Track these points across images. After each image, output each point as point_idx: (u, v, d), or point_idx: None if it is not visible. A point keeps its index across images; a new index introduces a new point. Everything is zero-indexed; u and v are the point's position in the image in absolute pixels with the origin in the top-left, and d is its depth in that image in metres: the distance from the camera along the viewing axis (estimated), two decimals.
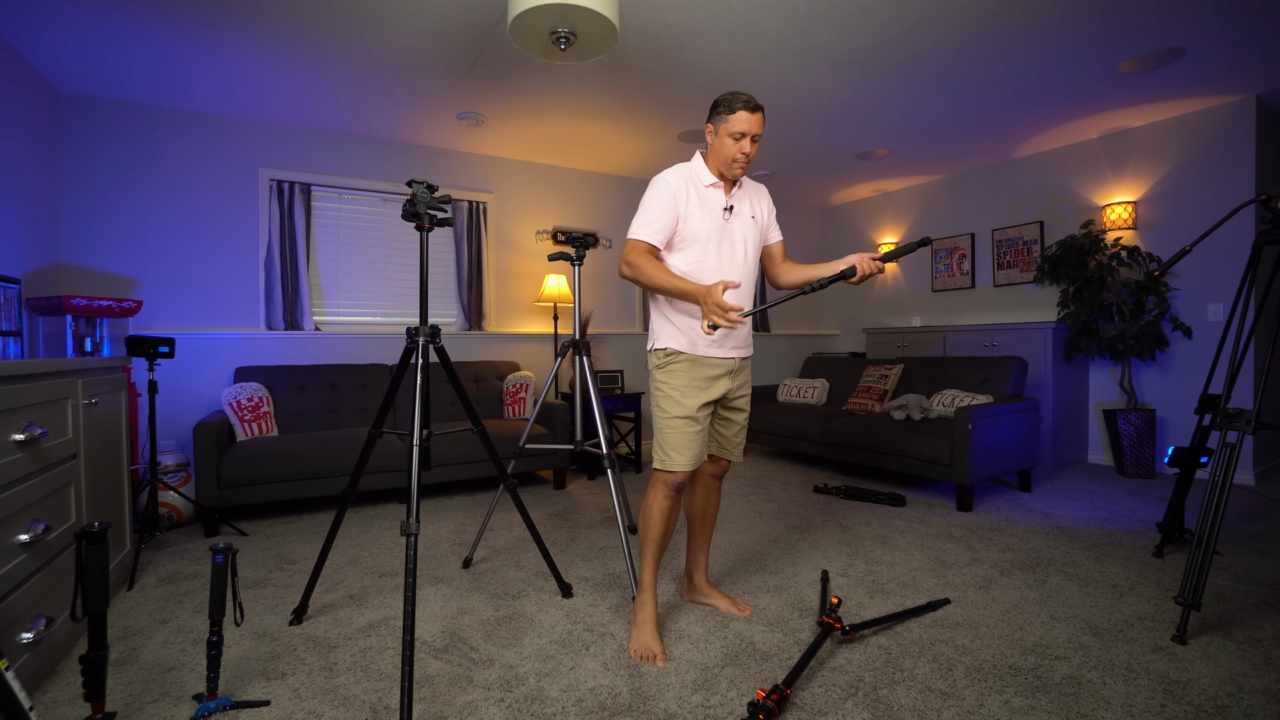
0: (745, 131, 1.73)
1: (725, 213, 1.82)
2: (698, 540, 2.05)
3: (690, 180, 1.81)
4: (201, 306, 3.68)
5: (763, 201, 1.96)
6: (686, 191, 1.79)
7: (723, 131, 1.75)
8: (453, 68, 3.14)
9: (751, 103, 1.74)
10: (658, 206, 1.77)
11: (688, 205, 1.78)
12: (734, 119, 1.73)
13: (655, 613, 1.81)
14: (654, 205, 1.77)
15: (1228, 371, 2.05)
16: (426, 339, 1.79)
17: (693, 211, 1.78)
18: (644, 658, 1.71)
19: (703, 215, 1.79)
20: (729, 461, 2.00)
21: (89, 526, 1.34)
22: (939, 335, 4.79)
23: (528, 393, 4.14)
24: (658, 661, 1.69)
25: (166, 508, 2.95)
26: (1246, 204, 2.13)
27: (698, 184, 1.82)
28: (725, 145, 1.76)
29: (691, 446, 1.78)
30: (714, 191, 1.83)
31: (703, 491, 2.01)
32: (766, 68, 3.17)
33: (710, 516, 2.03)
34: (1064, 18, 2.73)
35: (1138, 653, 1.73)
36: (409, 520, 1.50)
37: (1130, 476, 3.88)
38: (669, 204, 1.76)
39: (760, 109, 1.75)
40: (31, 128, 3.04)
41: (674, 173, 1.80)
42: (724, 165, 1.78)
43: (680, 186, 1.78)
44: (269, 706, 1.51)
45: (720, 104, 1.77)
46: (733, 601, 2.02)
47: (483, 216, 4.49)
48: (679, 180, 1.79)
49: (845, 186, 5.58)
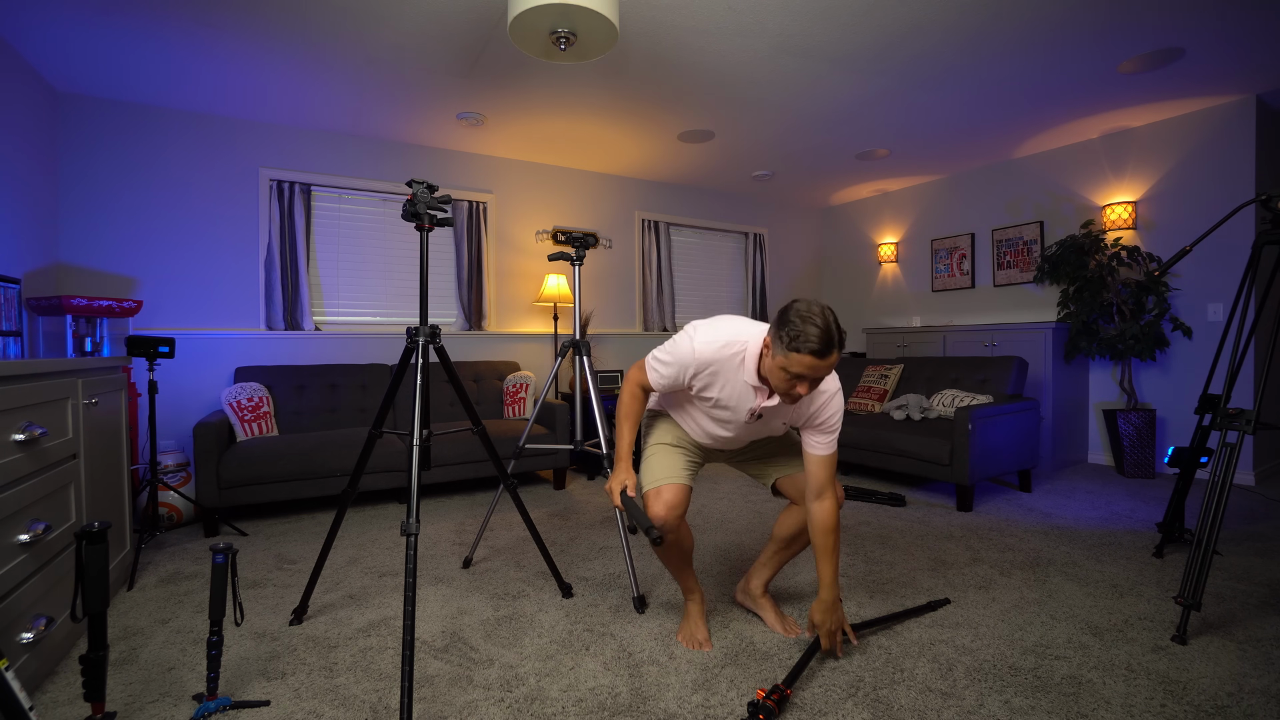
0: (805, 377, 1.41)
1: (750, 414, 1.61)
2: (773, 556, 1.91)
3: (728, 370, 1.56)
4: (201, 306, 3.68)
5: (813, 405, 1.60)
6: (718, 378, 1.57)
7: (780, 359, 1.41)
8: (453, 68, 3.14)
9: (820, 346, 1.35)
10: (672, 369, 1.59)
11: (713, 388, 1.59)
12: (796, 360, 1.38)
13: (702, 608, 1.86)
14: (673, 360, 1.58)
15: (1228, 371, 2.05)
16: (426, 339, 1.79)
17: (718, 395, 1.59)
18: (689, 642, 1.79)
19: (727, 402, 1.60)
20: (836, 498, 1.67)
21: (89, 526, 1.34)
22: (939, 335, 4.79)
23: (528, 393, 4.14)
24: (704, 648, 1.77)
25: (166, 508, 2.95)
26: (1246, 204, 2.13)
27: (736, 376, 1.56)
28: (778, 377, 1.44)
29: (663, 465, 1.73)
30: (751, 392, 1.57)
31: (796, 516, 1.82)
32: (767, 68, 3.17)
33: (794, 545, 1.86)
34: (1064, 18, 2.73)
35: (1138, 653, 1.73)
36: (409, 520, 1.49)
37: (1130, 476, 3.88)
38: (684, 372, 1.58)
39: (833, 349, 1.36)
40: (31, 128, 3.04)
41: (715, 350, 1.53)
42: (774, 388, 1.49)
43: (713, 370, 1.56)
44: (269, 706, 1.51)
45: (787, 325, 1.38)
46: (782, 618, 1.89)
47: (483, 216, 4.49)
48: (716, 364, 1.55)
49: (845, 186, 5.58)
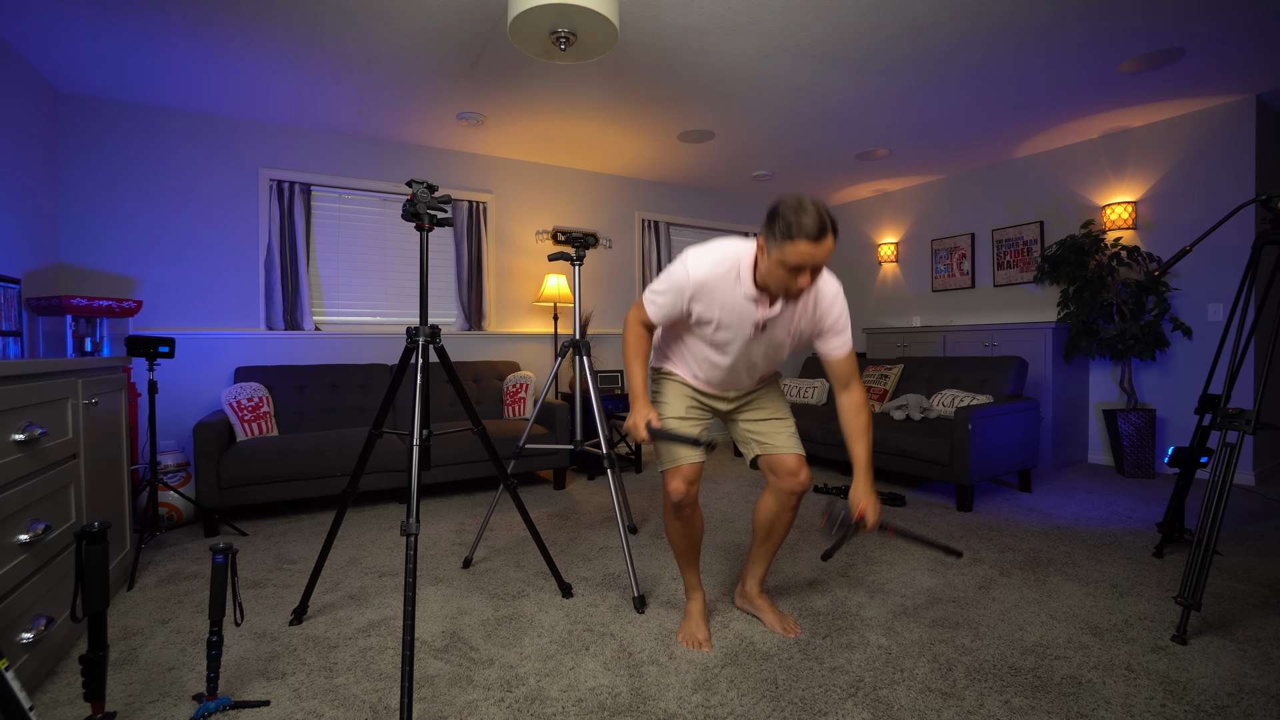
0: (803, 265, 1.38)
1: (755, 329, 1.58)
2: (758, 551, 1.93)
3: (725, 284, 1.54)
4: (201, 306, 3.68)
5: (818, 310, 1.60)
6: (714, 296, 1.55)
7: (776, 256, 1.40)
8: (453, 68, 3.14)
9: (815, 229, 1.34)
10: (669, 292, 1.58)
11: (711, 309, 1.56)
12: (791, 251, 1.36)
13: (703, 607, 1.86)
14: (667, 289, 1.58)
15: (1228, 371, 2.05)
16: (426, 339, 1.79)
17: (717, 316, 1.57)
18: (688, 642, 1.79)
19: (728, 322, 1.57)
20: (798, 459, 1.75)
21: (89, 526, 1.34)
22: (939, 335, 4.79)
23: (528, 393, 4.14)
24: (704, 648, 1.76)
25: (166, 508, 2.95)
26: (1246, 204, 2.13)
27: (735, 290, 1.54)
28: (778, 276, 1.43)
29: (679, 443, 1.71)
30: (752, 305, 1.54)
31: (773, 505, 1.82)
32: (767, 68, 3.17)
33: (776, 533, 1.87)
34: (1064, 18, 2.73)
35: (1138, 653, 1.73)
36: (409, 520, 1.50)
37: (1130, 476, 3.88)
38: (680, 297, 1.57)
39: (828, 232, 1.35)
40: (32, 128, 3.04)
41: (706, 268, 1.52)
42: (775, 289, 1.48)
43: (707, 288, 1.54)
44: (269, 706, 1.51)
45: (778, 221, 1.38)
46: (781, 618, 1.88)
47: (483, 216, 4.49)
48: (709, 282, 1.53)
49: (845, 186, 5.58)
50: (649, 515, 3.09)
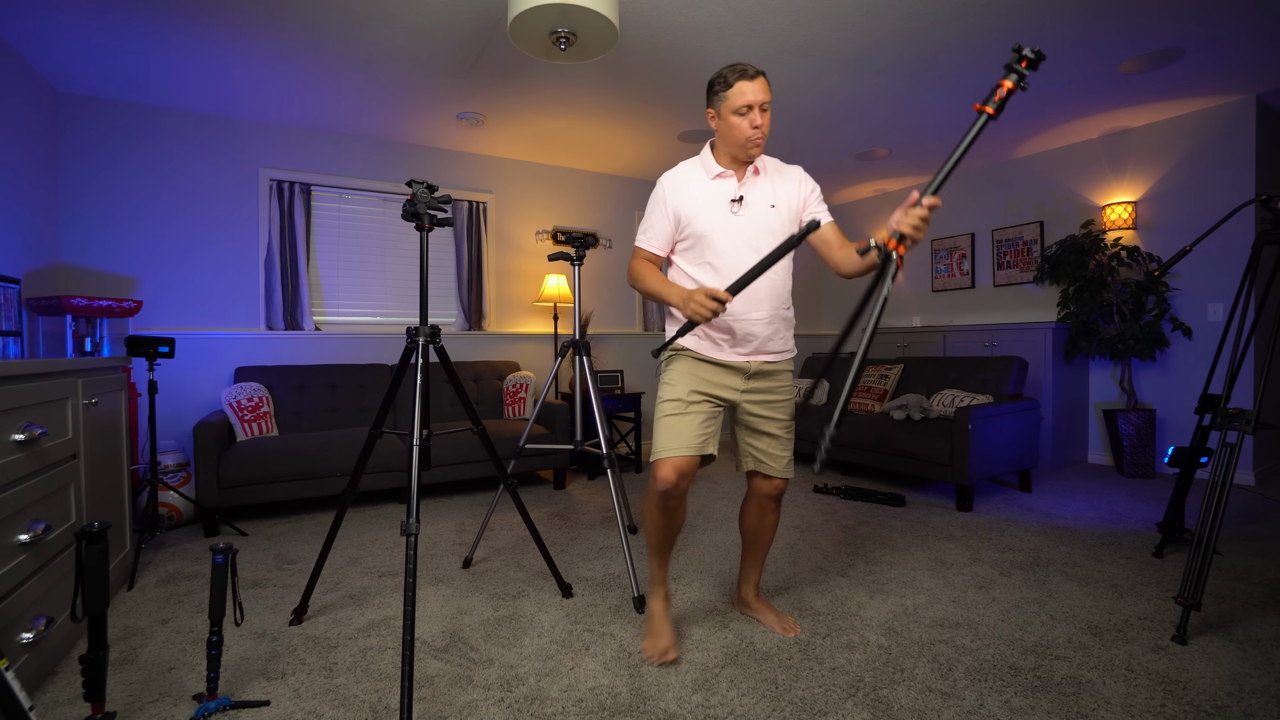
0: (751, 103, 1.54)
1: (734, 205, 1.63)
2: (748, 558, 1.92)
3: (692, 177, 1.67)
4: (201, 306, 3.68)
5: (790, 184, 1.70)
6: (686, 189, 1.65)
7: (725, 111, 1.57)
8: (453, 68, 3.14)
9: (749, 70, 1.54)
10: (653, 213, 1.69)
11: (689, 204, 1.64)
12: (734, 93, 1.55)
13: (665, 607, 1.76)
14: (650, 212, 1.70)
15: (1228, 371, 2.05)
16: (426, 339, 1.79)
17: (694, 209, 1.63)
18: (654, 656, 1.66)
19: (706, 211, 1.63)
20: (783, 480, 1.79)
21: (89, 526, 1.34)
22: (939, 335, 4.79)
23: (528, 393, 4.14)
24: (668, 657, 1.64)
25: (166, 508, 2.95)
26: (1246, 204, 2.13)
27: (703, 178, 1.66)
28: (733, 125, 1.57)
29: (676, 433, 1.62)
30: (722, 182, 1.65)
31: (755, 511, 1.85)
32: (767, 68, 3.17)
33: (763, 537, 1.87)
34: (1064, 18, 2.73)
35: (1138, 653, 1.73)
36: (409, 520, 1.49)
37: (1130, 476, 3.88)
38: (662, 208, 1.67)
39: (761, 74, 1.56)
40: (32, 128, 3.04)
41: (674, 171, 1.69)
42: (737, 148, 1.60)
43: (678, 186, 1.66)
44: (269, 706, 1.51)
45: (716, 82, 1.59)
46: (780, 618, 1.88)
47: (483, 216, 4.49)
48: (679, 178, 1.67)
49: (845, 186, 5.58)
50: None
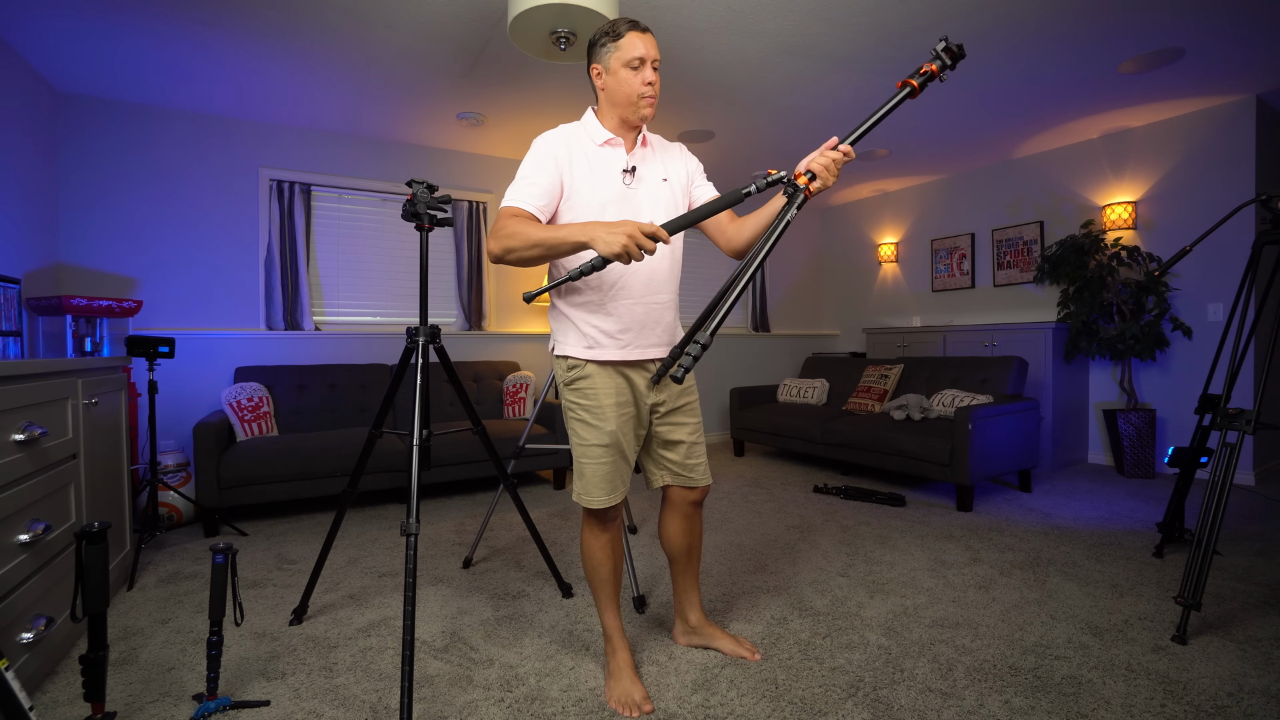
0: (644, 56, 1.40)
1: (626, 175, 1.48)
2: (683, 578, 1.74)
3: (577, 140, 1.47)
4: (201, 306, 3.68)
5: (678, 160, 1.59)
6: (571, 154, 1.45)
7: (615, 64, 1.42)
8: (453, 68, 3.14)
9: (639, 23, 1.43)
10: (536, 170, 1.42)
11: (573, 170, 1.44)
12: (626, 43, 1.40)
13: (629, 658, 1.57)
14: (532, 170, 1.42)
15: (1228, 371, 2.05)
16: (426, 339, 1.79)
17: (581, 177, 1.44)
18: (624, 707, 1.46)
19: (595, 181, 1.45)
20: (708, 484, 1.69)
21: (89, 526, 1.34)
22: (939, 335, 4.79)
23: (528, 393, 4.14)
24: (643, 708, 1.45)
25: (166, 508, 2.95)
26: (1246, 204, 2.13)
27: (588, 144, 1.48)
28: (623, 81, 1.41)
29: (612, 479, 1.51)
30: (610, 150, 1.48)
31: (680, 522, 1.69)
32: (767, 68, 3.17)
33: (694, 549, 1.72)
34: (1064, 18, 2.73)
35: (1138, 653, 1.73)
36: (409, 520, 1.49)
37: (1130, 476, 3.88)
38: (552, 164, 1.42)
39: (649, 30, 1.44)
40: (32, 128, 3.04)
41: (554, 133, 1.47)
42: (627, 108, 1.44)
43: (564, 146, 1.45)
44: (269, 706, 1.51)
45: (599, 38, 1.44)
46: (738, 642, 1.73)
47: (483, 216, 4.49)
48: (562, 140, 1.45)
49: (845, 186, 5.58)
50: (648, 516, 3.09)
